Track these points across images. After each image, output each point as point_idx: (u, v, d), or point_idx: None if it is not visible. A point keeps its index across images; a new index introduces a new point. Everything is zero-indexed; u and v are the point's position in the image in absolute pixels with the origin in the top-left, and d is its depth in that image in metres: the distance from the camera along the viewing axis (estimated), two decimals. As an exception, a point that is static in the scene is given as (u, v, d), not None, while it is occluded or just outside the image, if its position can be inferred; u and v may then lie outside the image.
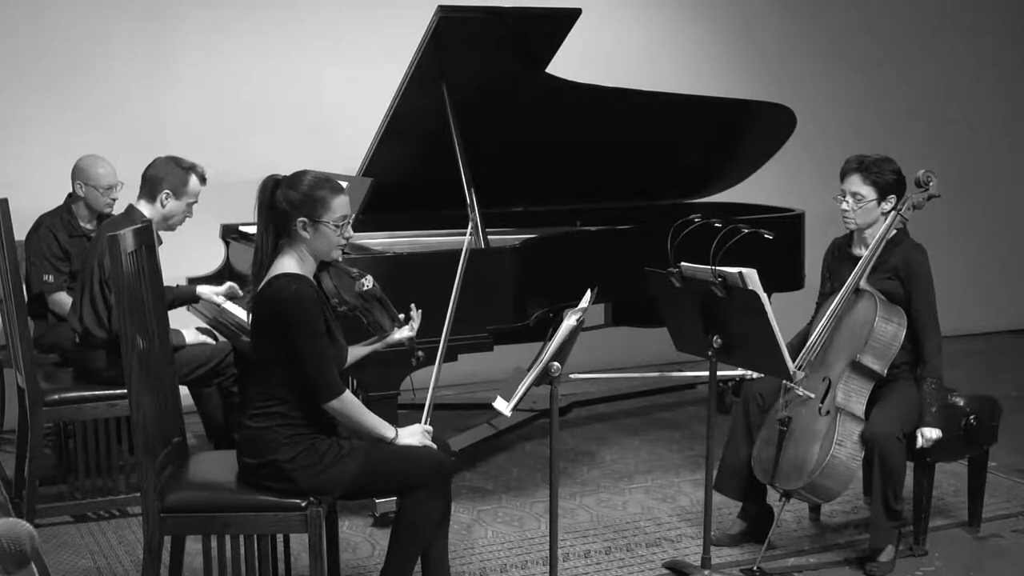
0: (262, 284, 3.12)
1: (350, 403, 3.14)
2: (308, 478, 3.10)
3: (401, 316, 3.48)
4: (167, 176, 4.37)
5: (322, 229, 3.12)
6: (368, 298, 3.34)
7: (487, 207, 4.54)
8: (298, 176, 3.15)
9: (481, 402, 5.40)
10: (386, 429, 3.23)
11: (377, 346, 3.48)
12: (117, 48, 5.60)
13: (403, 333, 3.47)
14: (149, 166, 4.42)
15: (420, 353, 3.56)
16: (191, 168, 4.42)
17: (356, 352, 3.44)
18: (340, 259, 3.27)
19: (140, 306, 3.16)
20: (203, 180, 4.47)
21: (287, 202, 3.11)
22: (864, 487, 4.29)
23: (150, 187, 4.38)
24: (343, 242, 3.18)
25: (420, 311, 3.52)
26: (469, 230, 3.84)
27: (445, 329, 3.59)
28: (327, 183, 3.14)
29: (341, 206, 3.14)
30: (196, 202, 4.47)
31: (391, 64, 4.76)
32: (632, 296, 4.83)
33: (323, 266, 3.24)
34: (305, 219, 3.10)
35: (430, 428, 3.34)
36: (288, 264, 3.13)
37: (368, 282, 3.31)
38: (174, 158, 4.43)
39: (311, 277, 3.17)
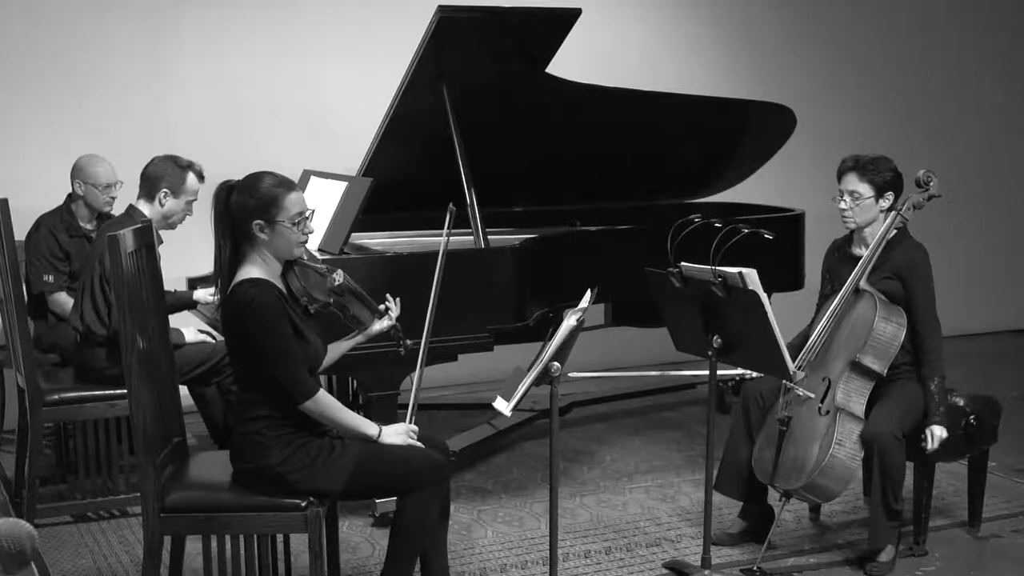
0: (228, 293, 3.11)
1: (325, 403, 3.12)
2: (301, 480, 3.09)
3: (381, 307, 3.46)
4: (165, 175, 4.38)
5: (279, 229, 3.09)
6: (341, 292, 3.32)
7: (487, 207, 4.54)
8: (249, 180, 3.13)
9: (481, 402, 5.40)
10: (368, 427, 3.21)
11: (359, 339, 3.46)
12: (117, 48, 5.60)
13: (383, 323, 3.45)
14: (147, 165, 4.43)
15: (408, 341, 3.52)
16: (189, 166, 4.43)
17: (339, 348, 3.43)
18: (305, 257, 3.25)
19: (140, 306, 3.16)
20: (201, 178, 4.48)
21: (240, 207, 3.09)
22: (864, 487, 4.30)
23: (148, 186, 4.39)
24: (303, 239, 3.16)
25: (398, 299, 3.49)
26: (445, 228, 3.69)
27: (426, 330, 3.53)
28: (280, 184, 3.12)
29: (295, 203, 3.11)
30: (195, 200, 4.47)
31: (391, 64, 4.76)
32: (632, 296, 4.83)
33: (289, 266, 3.21)
34: (261, 221, 3.08)
35: (415, 428, 3.33)
36: (250, 270, 3.11)
37: (339, 276, 3.30)
38: (172, 157, 4.44)
39: (276, 279, 3.15)
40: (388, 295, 3.49)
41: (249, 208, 3.08)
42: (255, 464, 3.11)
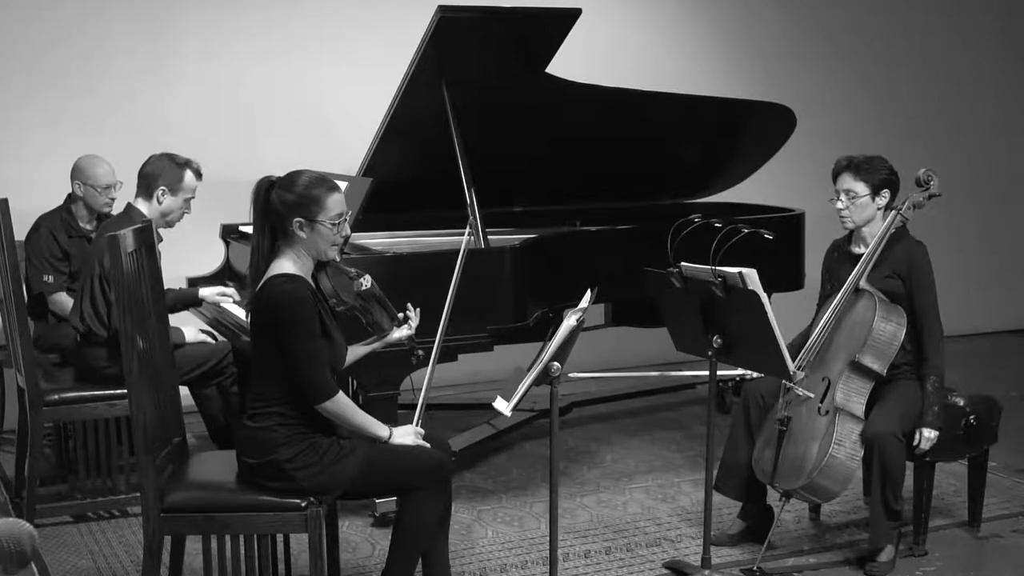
0: (260, 285, 3.13)
1: (343, 404, 3.13)
2: (308, 477, 3.10)
3: (400, 316, 3.49)
4: (162, 173, 4.39)
5: (318, 228, 3.12)
6: (367, 298, 3.35)
7: (487, 207, 4.54)
8: (292, 177, 3.15)
9: (481, 402, 5.40)
10: (380, 429, 3.23)
11: (376, 345, 3.49)
12: (117, 48, 5.60)
13: (402, 332, 3.49)
14: (144, 164, 4.44)
15: (420, 352, 3.57)
16: (186, 164, 4.44)
17: (356, 352, 3.44)
18: (338, 259, 3.27)
19: (140, 306, 3.16)
20: (199, 175, 4.48)
21: (282, 203, 3.10)
22: (864, 487, 4.30)
23: (146, 184, 4.40)
24: (340, 240, 3.18)
25: (418, 310, 3.53)
26: (468, 230, 3.82)
27: (440, 331, 3.57)
28: (322, 182, 3.14)
29: (336, 204, 3.14)
30: (193, 197, 4.47)
31: (391, 64, 4.76)
32: (632, 296, 4.83)
33: (321, 266, 3.23)
34: (301, 219, 3.10)
35: (421, 430, 3.34)
36: (285, 265, 3.13)
37: (366, 282, 3.33)
38: (169, 154, 4.44)
39: (308, 277, 3.17)
40: (409, 305, 3.51)
41: (291, 205, 3.10)
42: (262, 459, 3.11)
